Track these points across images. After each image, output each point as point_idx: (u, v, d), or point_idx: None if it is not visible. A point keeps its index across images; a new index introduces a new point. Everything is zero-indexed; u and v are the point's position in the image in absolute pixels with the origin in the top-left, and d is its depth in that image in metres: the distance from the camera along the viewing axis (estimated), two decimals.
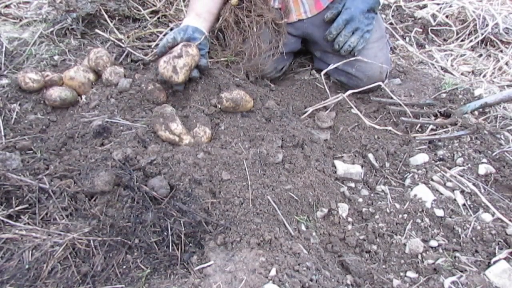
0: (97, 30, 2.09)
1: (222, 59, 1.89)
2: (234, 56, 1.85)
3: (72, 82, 1.70)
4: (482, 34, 2.53)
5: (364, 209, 1.46)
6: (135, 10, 2.28)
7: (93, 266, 1.14)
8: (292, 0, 1.83)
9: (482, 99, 1.85)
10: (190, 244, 1.23)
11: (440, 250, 1.34)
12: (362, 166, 1.61)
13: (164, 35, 2.12)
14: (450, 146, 1.69)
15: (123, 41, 2.06)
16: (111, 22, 2.17)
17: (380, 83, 1.83)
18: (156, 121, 1.48)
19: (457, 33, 2.60)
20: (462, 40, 2.58)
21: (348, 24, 1.76)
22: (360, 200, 1.50)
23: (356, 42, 1.78)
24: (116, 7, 2.20)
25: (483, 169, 1.58)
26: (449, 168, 1.60)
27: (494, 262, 1.27)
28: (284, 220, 1.31)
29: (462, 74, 2.30)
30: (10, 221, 1.20)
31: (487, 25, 2.55)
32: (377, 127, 1.75)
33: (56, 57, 1.96)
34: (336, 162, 1.61)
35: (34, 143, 1.53)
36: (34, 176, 1.32)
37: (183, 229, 1.22)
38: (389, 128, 1.77)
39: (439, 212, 1.42)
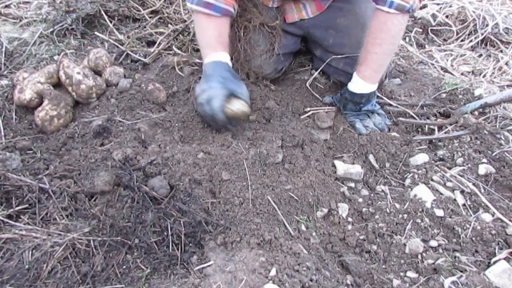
0: (96, 33, 2.08)
1: None
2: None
3: None
4: (482, 34, 2.52)
5: (364, 209, 1.46)
6: (135, 10, 2.28)
7: (93, 266, 1.14)
8: (293, 1, 1.83)
9: (482, 99, 1.85)
10: (190, 244, 1.23)
11: (440, 250, 1.34)
12: (362, 166, 1.61)
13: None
14: (450, 146, 1.69)
15: (122, 41, 2.06)
16: (111, 22, 2.17)
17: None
18: None
19: (457, 33, 2.60)
20: (462, 40, 2.58)
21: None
22: (360, 200, 1.50)
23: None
24: (116, 7, 2.20)
25: (483, 169, 1.57)
26: (449, 168, 1.60)
27: (494, 262, 1.27)
28: (284, 220, 1.31)
29: (462, 74, 2.30)
30: (10, 221, 1.20)
31: (487, 25, 2.55)
32: None
33: (56, 57, 1.96)
34: (336, 162, 1.61)
35: (34, 143, 1.52)
36: (34, 176, 1.32)
37: (183, 229, 1.22)
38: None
39: (439, 212, 1.42)
